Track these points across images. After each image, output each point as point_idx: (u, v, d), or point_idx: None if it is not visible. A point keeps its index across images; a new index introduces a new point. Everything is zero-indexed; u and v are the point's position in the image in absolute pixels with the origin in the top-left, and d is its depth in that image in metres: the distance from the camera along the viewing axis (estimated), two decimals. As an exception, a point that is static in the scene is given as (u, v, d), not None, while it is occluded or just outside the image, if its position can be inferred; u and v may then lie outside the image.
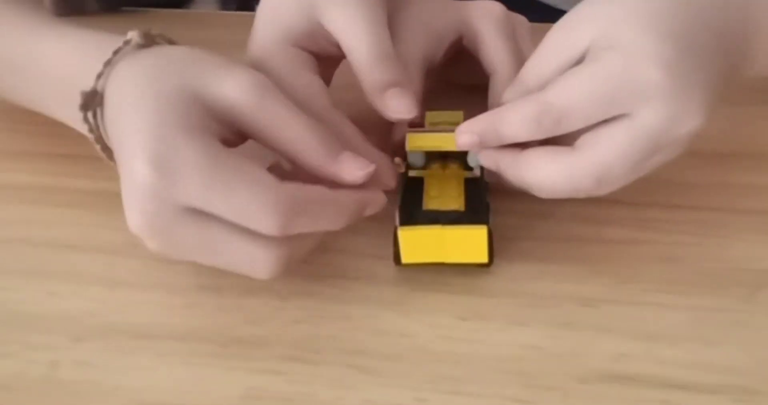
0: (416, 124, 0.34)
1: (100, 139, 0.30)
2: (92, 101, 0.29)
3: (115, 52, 0.30)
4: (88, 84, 0.29)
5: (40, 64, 0.33)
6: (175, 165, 0.25)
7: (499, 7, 0.36)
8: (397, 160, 0.33)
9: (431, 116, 0.34)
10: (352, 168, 0.28)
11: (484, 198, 0.31)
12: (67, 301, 0.30)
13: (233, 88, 0.27)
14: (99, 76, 0.29)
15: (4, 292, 0.31)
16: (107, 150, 0.30)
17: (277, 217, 0.25)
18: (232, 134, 0.29)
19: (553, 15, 0.32)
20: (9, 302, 0.30)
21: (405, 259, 0.30)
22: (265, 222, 0.25)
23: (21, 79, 0.35)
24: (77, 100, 0.29)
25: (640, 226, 0.33)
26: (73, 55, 0.32)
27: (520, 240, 0.32)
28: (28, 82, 0.35)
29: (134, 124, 0.27)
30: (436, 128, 0.33)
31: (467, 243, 0.29)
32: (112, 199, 0.28)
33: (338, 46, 0.32)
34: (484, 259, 0.29)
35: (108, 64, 0.29)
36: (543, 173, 0.29)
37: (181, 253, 0.27)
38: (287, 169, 0.30)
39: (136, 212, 0.26)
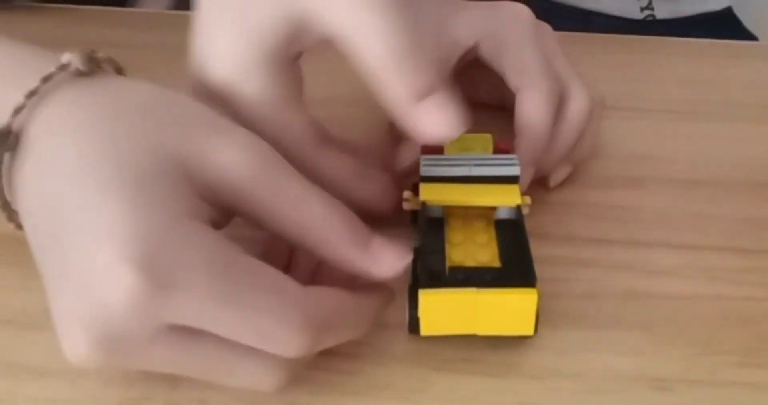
0: (431, 148, 0.27)
1: (6, 207, 0.22)
2: (2, 143, 0.20)
3: (45, 80, 0.21)
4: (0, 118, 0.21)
5: None
6: (175, 271, 0.18)
7: (527, 12, 0.29)
8: (407, 194, 0.26)
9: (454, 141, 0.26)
10: (389, 260, 0.21)
11: (525, 248, 0.24)
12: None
13: (232, 157, 0.20)
14: (17, 111, 0.20)
15: None
16: (8, 210, 0.22)
17: (304, 339, 0.19)
18: (219, 215, 0.21)
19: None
20: None
21: (425, 330, 0.23)
22: (290, 345, 0.19)
23: None
24: None
25: (707, 276, 0.27)
26: None
27: (563, 298, 0.25)
28: None
29: (97, 201, 0.18)
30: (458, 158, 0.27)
31: (508, 310, 0.22)
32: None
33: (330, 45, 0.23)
34: (530, 330, 0.22)
35: (32, 94, 0.21)
36: None
37: (155, 369, 0.20)
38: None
39: (91, 335, 0.18)
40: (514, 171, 0.26)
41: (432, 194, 0.25)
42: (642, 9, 0.66)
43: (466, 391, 0.22)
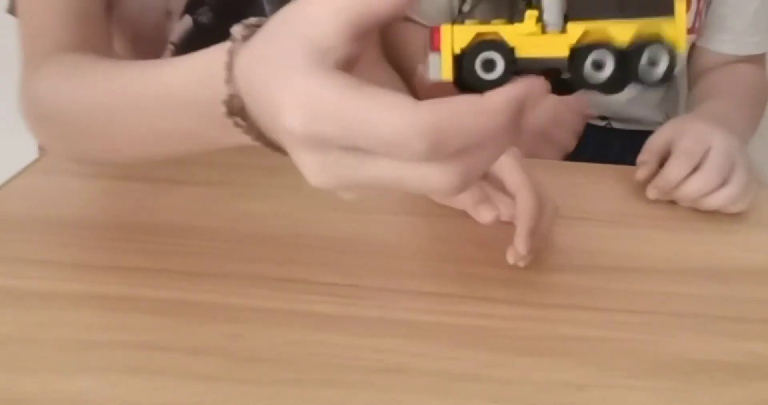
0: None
1: (260, 137, 0.30)
2: (233, 105, 0.30)
3: (229, 52, 0.30)
4: (221, 92, 0.30)
5: (167, 94, 0.35)
6: (314, 112, 0.25)
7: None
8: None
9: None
10: None
11: None
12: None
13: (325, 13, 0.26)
14: (227, 81, 0.30)
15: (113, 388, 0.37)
16: (272, 144, 0.30)
17: (422, 142, 0.23)
18: (354, 49, 0.27)
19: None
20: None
21: None
22: (413, 149, 0.24)
23: (137, 117, 0.37)
24: (217, 114, 0.30)
25: (609, 327, 0.43)
26: (186, 75, 0.33)
27: (517, 339, 0.42)
28: (148, 117, 0.36)
29: (272, 91, 0.26)
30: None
31: None
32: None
33: None
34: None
35: (229, 66, 0.30)
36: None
37: (355, 189, 0.27)
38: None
39: (309, 170, 0.26)
40: None
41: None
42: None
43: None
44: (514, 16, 0.27)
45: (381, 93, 0.24)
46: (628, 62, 0.27)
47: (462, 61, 0.27)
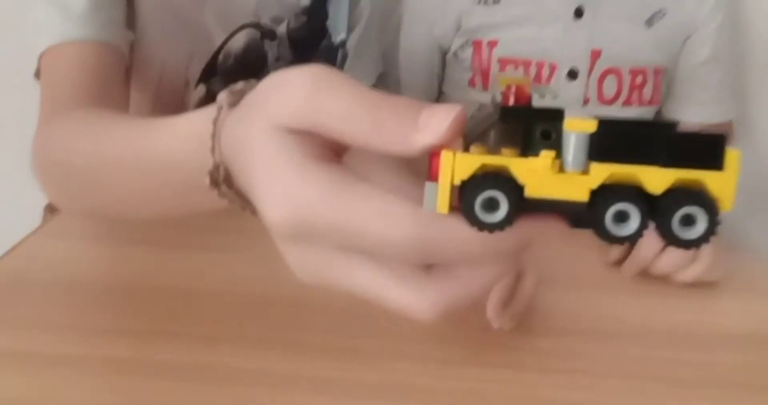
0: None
1: (246, 205, 0.30)
2: (218, 174, 0.30)
3: (215, 122, 0.30)
4: (206, 162, 0.30)
5: (151, 157, 0.35)
6: (298, 210, 0.24)
7: None
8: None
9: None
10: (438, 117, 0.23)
11: None
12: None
13: (292, 98, 0.25)
14: (213, 151, 0.30)
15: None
16: (248, 209, 0.30)
17: (406, 251, 0.23)
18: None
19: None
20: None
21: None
22: (404, 258, 0.23)
23: (123, 177, 0.38)
24: (203, 182, 0.30)
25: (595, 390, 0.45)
26: (172, 141, 0.33)
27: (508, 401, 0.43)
28: (137, 178, 0.37)
29: (256, 179, 0.26)
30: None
31: None
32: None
33: None
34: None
35: (214, 136, 0.29)
36: None
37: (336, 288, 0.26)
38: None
39: (292, 263, 0.26)
40: None
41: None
42: None
43: None
44: (528, 147, 0.22)
45: (372, 195, 0.23)
46: (658, 217, 0.22)
47: (462, 196, 0.22)
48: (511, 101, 0.24)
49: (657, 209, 0.22)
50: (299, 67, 0.26)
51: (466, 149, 0.23)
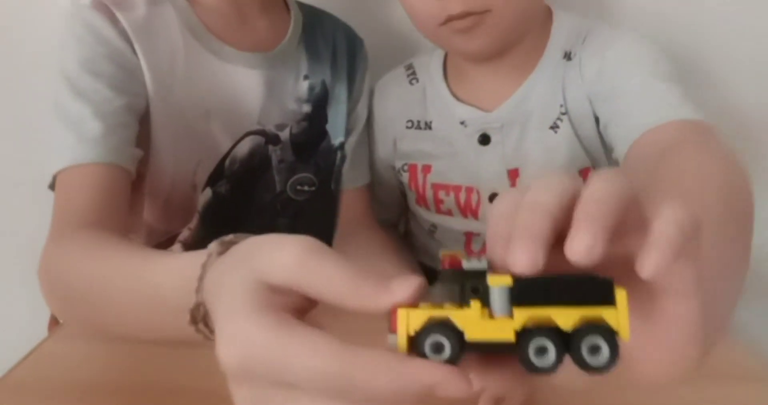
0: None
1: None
2: (198, 313, 0.35)
3: (203, 266, 0.35)
4: (190, 301, 0.34)
5: (144, 289, 0.40)
6: (247, 349, 0.27)
7: None
8: None
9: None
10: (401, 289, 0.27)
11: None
12: None
13: (284, 259, 0.28)
14: (197, 291, 0.34)
15: None
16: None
17: (333, 379, 0.25)
18: (305, 300, 0.29)
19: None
20: None
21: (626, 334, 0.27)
22: (325, 384, 0.26)
23: (121, 301, 0.43)
24: (185, 318, 0.35)
25: None
26: (163, 277, 0.38)
27: None
28: (132, 305, 0.41)
29: (217, 319, 0.30)
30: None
31: None
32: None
33: None
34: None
35: (200, 278, 0.34)
36: None
37: None
38: None
39: (240, 402, 0.29)
40: None
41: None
42: None
43: None
44: (463, 300, 0.28)
45: (304, 333, 0.27)
46: (571, 349, 0.27)
47: (416, 343, 0.27)
48: (447, 265, 0.29)
49: (570, 343, 0.27)
50: (293, 236, 0.30)
51: (416, 306, 0.28)
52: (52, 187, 0.64)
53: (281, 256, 0.29)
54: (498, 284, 0.27)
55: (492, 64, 0.75)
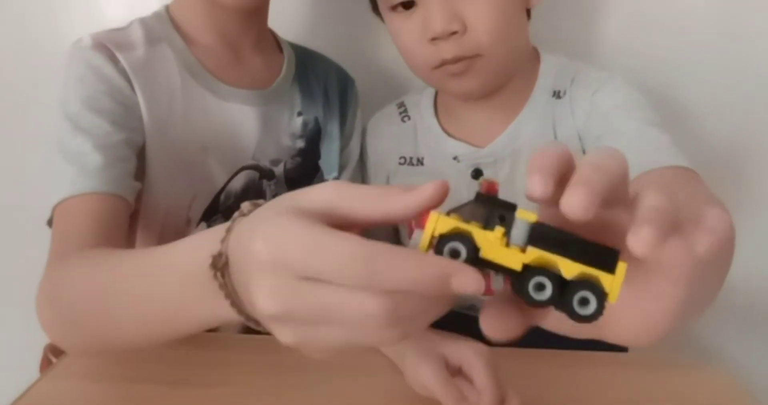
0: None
1: (229, 295, 0.35)
2: (219, 261, 0.35)
3: (233, 220, 0.36)
4: (212, 250, 0.35)
5: (161, 263, 0.41)
6: (280, 239, 0.29)
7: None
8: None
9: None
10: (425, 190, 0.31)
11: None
12: None
13: (320, 189, 0.32)
14: (223, 241, 0.35)
15: None
16: (236, 306, 0.35)
17: (363, 266, 0.28)
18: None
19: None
20: None
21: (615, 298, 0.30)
22: (354, 272, 0.28)
23: (137, 293, 0.43)
24: (200, 279, 0.35)
25: None
26: (189, 241, 0.39)
27: None
28: (149, 287, 0.42)
29: (249, 229, 0.32)
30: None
31: None
32: None
33: None
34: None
35: (228, 230, 0.35)
36: None
37: (307, 331, 0.30)
38: None
39: (263, 294, 0.30)
40: None
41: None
42: None
43: None
44: (488, 224, 0.31)
45: (334, 232, 0.29)
46: (564, 294, 0.30)
47: (437, 245, 0.30)
48: (484, 191, 0.31)
49: (565, 290, 0.30)
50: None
51: (447, 215, 0.31)
52: (50, 223, 0.64)
53: (317, 188, 0.32)
54: (524, 218, 0.30)
55: (483, 102, 0.78)
